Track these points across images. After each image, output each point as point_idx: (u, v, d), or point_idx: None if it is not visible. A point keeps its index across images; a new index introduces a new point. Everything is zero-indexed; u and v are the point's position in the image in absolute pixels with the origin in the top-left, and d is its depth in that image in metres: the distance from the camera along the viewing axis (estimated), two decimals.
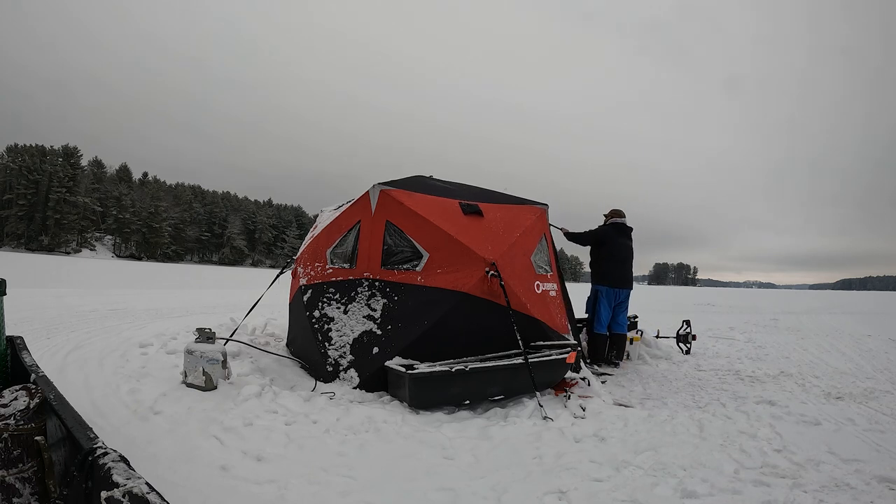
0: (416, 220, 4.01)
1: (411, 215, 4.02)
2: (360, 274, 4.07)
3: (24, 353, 2.42)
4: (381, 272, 4.02)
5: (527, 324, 3.97)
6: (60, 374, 3.76)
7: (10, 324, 3.31)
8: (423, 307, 3.84)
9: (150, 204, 77.21)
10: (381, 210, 4.09)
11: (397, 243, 4.05)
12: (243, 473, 2.32)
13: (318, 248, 4.53)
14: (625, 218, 5.94)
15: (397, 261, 4.03)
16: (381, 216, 4.09)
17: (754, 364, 5.93)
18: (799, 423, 3.40)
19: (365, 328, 3.88)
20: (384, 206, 4.09)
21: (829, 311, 18.08)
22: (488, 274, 3.83)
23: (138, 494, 1.12)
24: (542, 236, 4.57)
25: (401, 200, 4.07)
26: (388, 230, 4.06)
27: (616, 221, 5.90)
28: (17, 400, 1.80)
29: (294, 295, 4.73)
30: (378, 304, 3.93)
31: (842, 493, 2.35)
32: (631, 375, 5.10)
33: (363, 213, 4.20)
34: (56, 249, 66.82)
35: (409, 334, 3.77)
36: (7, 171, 66.46)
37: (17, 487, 1.67)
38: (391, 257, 4.04)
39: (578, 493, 2.26)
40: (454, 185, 4.90)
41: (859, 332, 10.13)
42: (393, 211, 4.07)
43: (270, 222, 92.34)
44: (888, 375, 5.41)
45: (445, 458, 2.60)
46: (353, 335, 3.88)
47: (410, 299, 3.88)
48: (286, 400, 3.31)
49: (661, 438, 2.98)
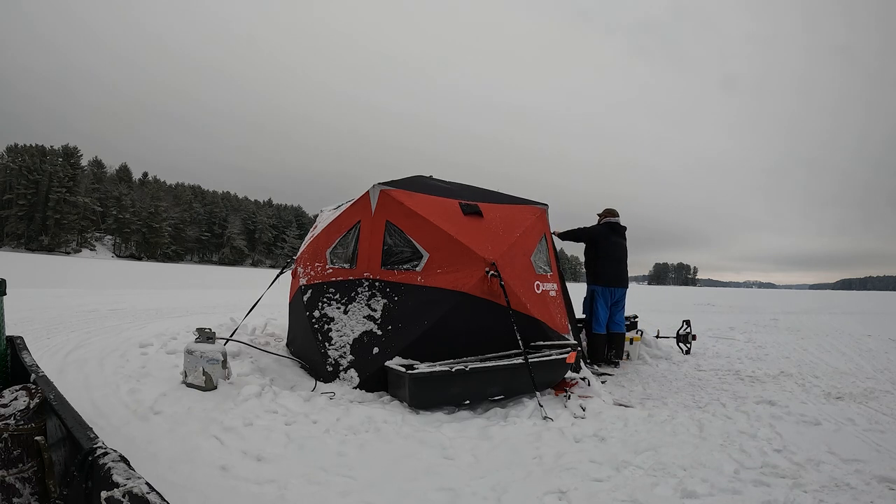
0: (416, 220, 4.01)
1: (411, 215, 4.02)
2: (360, 274, 4.07)
3: (24, 353, 2.42)
4: (381, 272, 4.02)
5: (527, 324, 3.97)
6: (60, 374, 3.76)
7: (10, 324, 3.32)
8: (423, 307, 3.84)
9: (150, 204, 77.22)
10: (381, 210, 4.09)
11: (397, 243, 4.05)
12: (243, 473, 2.32)
13: (318, 248, 4.53)
14: (618, 217, 5.95)
15: (397, 261, 4.03)
16: (381, 216, 4.09)
17: (754, 364, 5.93)
18: (799, 423, 3.40)
19: (365, 328, 3.87)
20: (384, 206, 4.09)
21: (828, 311, 18.08)
22: (488, 274, 3.83)
23: (138, 494, 1.12)
24: (542, 236, 4.57)
25: (401, 200, 4.07)
26: (388, 230, 4.07)
27: (610, 220, 5.90)
28: (17, 400, 1.80)
29: (294, 295, 4.73)
30: (378, 305, 3.93)
31: (842, 493, 2.35)
32: (631, 375, 5.10)
33: (363, 213, 4.20)
34: (56, 249, 66.82)
35: (409, 334, 3.77)
36: (7, 171, 66.46)
37: (17, 487, 1.67)
38: (391, 257, 4.04)
39: (578, 493, 2.26)
40: (454, 185, 4.90)
41: (859, 332, 10.13)
42: (393, 211, 4.07)
43: (270, 222, 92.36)
44: (888, 375, 5.41)
45: (445, 458, 2.60)
46: (353, 335, 3.88)
47: (410, 299, 3.88)
48: (286, 400, 3.31)
49: (661, 438, 2.98)
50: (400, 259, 4.03)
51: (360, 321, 3.91)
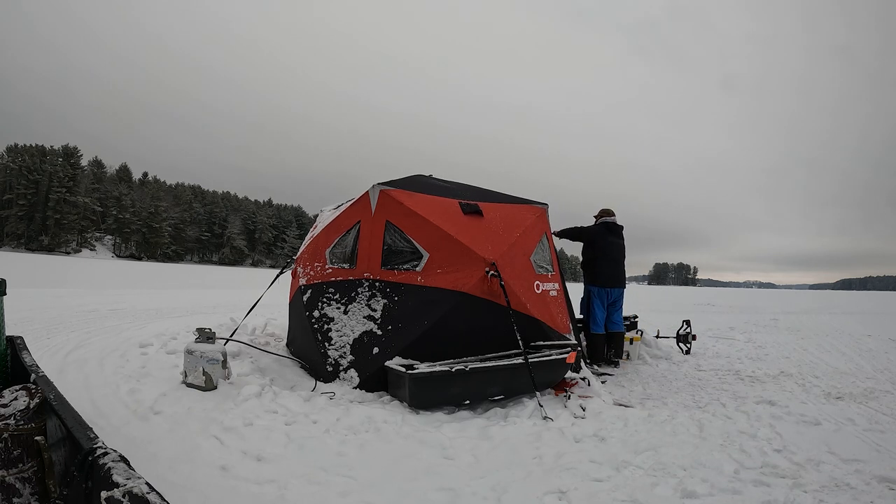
0: (416, 220, 4.01)
1: (411, 215, 4.02)
2: (360, 274, 4.07)
3: (24, 353, 2.42)
4: (381, 272, 4.02)
5: (527, 324, 3.97)
6: (60, 374, 3.76)
7: (10, 324, 3.32)
8: (423, 307, 3.84)
9: (150, 204, 77.22)
10: (381, 210, 4.09)
11: (397, 243, 4.05)
12: (243, 473, 2.32)
13: (318, 248, 4.53)
14: (614, 217, 5.93)
15: (397, 261, 4.03)
16: (381, 216, 4.09)
17: (754, 364, 5.93)
18: (799, 423, 3.40)
19: (365, 328, 3.87)
20: (384, 206, 4.09)
21: (829, 311, 18.08)
22: (488, 274, 3.83)
23: (138, 494, 1.12)
24: (542, 236, 4.57)
25: (401, 200, 4.07)
26: (387, 230, 4.06)
27: (606, 220, 5.88)
28: (18, 400, 1.80)
29: (294, 295, 4.73)
30: (378, 305, 3.93)
31: (842, 493, 2.35)
32: (631, 375, 5.10)
33: (363, 212, 4.20)
34: (56, 249, 66.81)
35: (409, 334, 3.77)
36: (7, 171, 66.46)
37: (18, 487, 1.67)
38: (391, 257, 4.04)
39: (578, 492, 2.26)
40: (454, 184, 4.90)
41: (859, 332, 10.13)
42: (393, 211, 4.07)
43: (270, 222, 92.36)
44: (888, 375, 5.40)
45: (445, 458, 2.60)
46: (353, 335, 3.88)
47: (410, 299, 3.88)
48: (286, 400, 3.31)
49: (661, 438, 2.98)
50: (400, 259, 4.03)
51: (360, 321, 3.91)
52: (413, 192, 4.18)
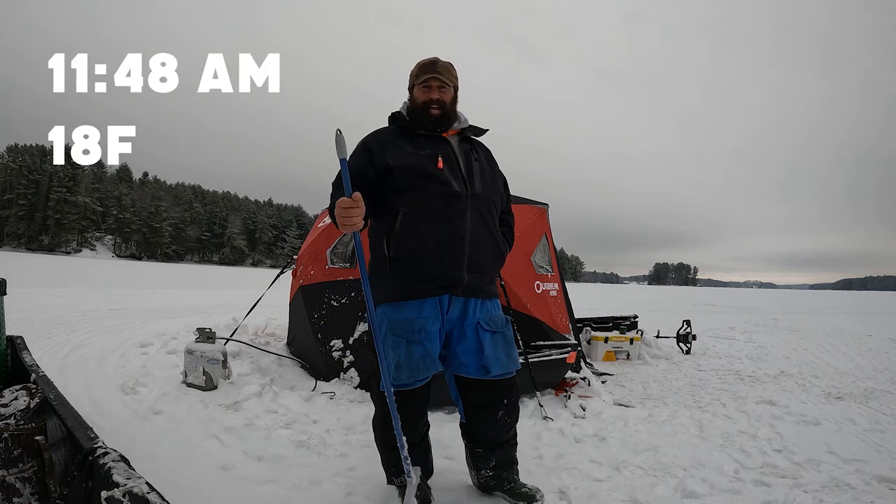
0: None
1: None
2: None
3: (24, 353, 2.41)
4: None
5: (527, 324, 3.97)
6: (60, 373, 3.76)
7: (10, 324, 3.30)
8: None
9: (150, 204, 77.29)
10: None
11: None
12: (244, 473, 2.32)
13: (318, 248, 4.53)
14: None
15: None
16: None
17: (754, 364, 5.93)
18: (799, 423, 3.40)
19: (365, 328, 3.87)
20: None
21: (829, 311, 18.09)
22: None
23: (138, 494, 1.12)
24: (542, 236, 4.57)
25: None
26: None
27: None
28: (18, 400, 1.80)
29: (294, 295, 4.73)
30: None
31: (842, 493, 2.35)
32: (631, 375, 5.09)
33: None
34: (56, 249, 66.85)
35: None
36: (7, 171, 66.51)
37: (18, 487, 1.67)
38: None
39: (578, 492, 2.26)
40: None
41: (859, 332, 10.13)
42: None
43: (270, 222, 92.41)
44: (888, 375, 5.41)
45: (445, 458, 2.59)
46: (353, 335, 3.88)
47: None
48: (286, 400, 3.31)
49: (661, 438, 2.98)
50: None
51: (361, 321, 3.90)
52: None
